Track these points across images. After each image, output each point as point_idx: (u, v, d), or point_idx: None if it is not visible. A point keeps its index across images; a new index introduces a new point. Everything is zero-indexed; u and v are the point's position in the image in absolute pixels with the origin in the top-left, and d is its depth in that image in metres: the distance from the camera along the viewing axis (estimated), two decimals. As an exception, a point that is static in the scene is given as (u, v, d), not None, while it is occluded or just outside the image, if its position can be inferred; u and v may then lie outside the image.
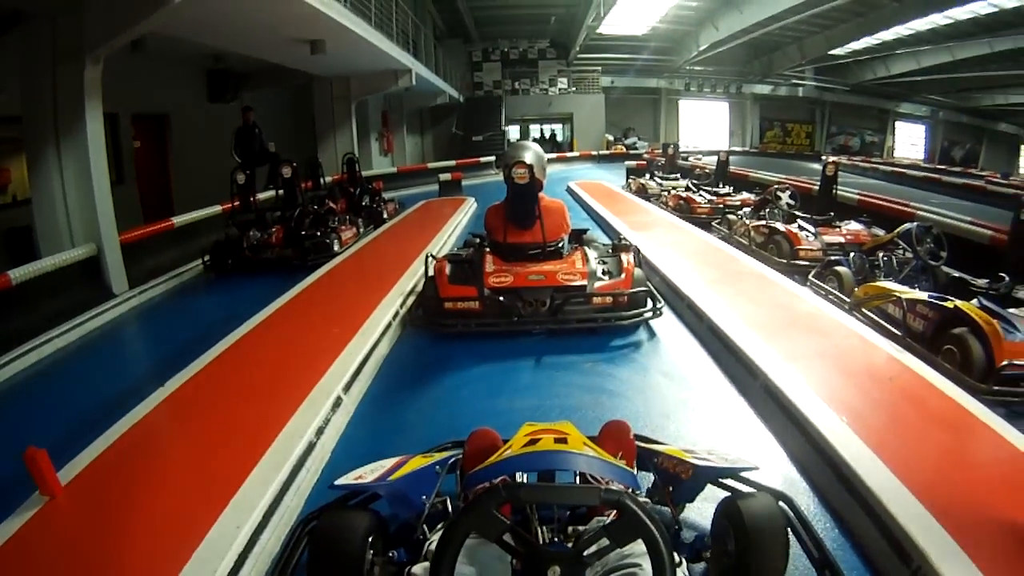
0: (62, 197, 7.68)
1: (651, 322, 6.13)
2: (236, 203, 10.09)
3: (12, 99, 7.84)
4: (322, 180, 12.73)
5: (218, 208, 10.95)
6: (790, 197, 9.98)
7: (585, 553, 1.88)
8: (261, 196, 10.90)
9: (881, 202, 10.91)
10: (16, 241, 9.28)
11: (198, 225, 10.60)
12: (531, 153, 6.33)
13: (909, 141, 38.82)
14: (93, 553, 2.81)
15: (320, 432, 4.06)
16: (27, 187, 7.98)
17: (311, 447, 3.88)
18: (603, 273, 6.24)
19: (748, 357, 4.80)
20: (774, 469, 3.66)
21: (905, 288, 5.94)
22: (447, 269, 6.22)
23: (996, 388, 4.54)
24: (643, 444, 3.15)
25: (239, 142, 12.13)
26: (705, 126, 37.52)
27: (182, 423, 4.17)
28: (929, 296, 5.55)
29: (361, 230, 11.58)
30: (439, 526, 2.64)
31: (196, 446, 3.81)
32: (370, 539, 2.53)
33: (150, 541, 2.88)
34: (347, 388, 4.68)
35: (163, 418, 4.23)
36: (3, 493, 3.28)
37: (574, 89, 33.97)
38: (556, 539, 2.29)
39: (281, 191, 10.39)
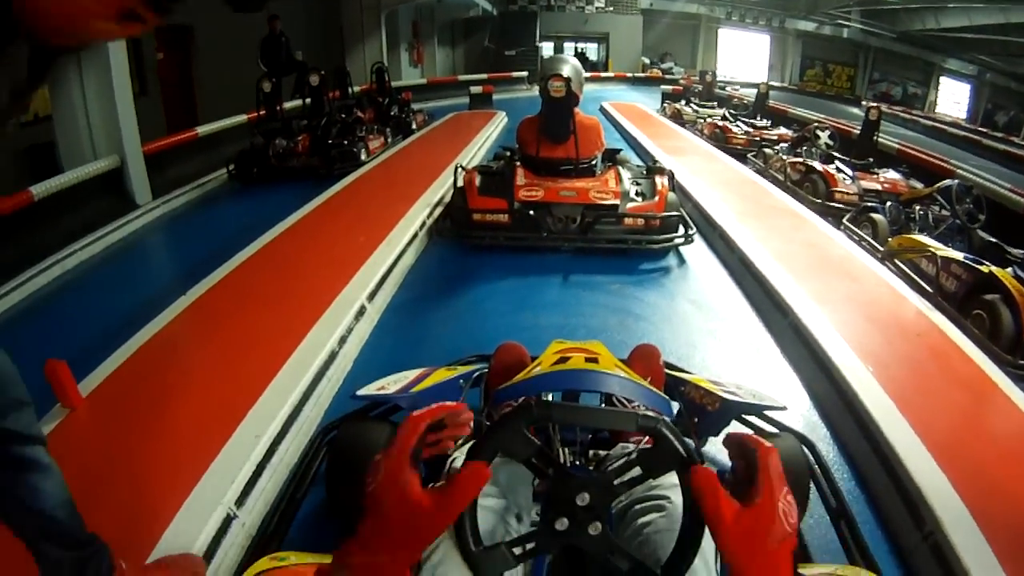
0: (83, 111, 7.54)
1: (681, 249, 6.00)
2: (262, 112, 9.93)
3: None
4: (350, 90, 12.51)
5: (243, 117, 10.78)
6: (829, 137, 9.74)
7: (616, 482, 1.79)
8: (287, 105, 10.75)
9: (921, 155, 10.64)
10: (39, 158, 9.19)
11: (223, 135, 10.42)
12: (569, 67, 6.15)
13: (953, 99, 37.02)
14: (112, 464, 2.77)
15: (343, 341, 3.99)
16: (48, 104, 7.85)
17: (333, 356, 3.81)
18: (636, 194, 6.08)
19: (779, 294, 4.67)
20: (796, 411, 3.57)
21: (940, 245, 5.77)
22: (477, 180, 6.07)
23: (1023, 362, 4.41)
24: (671, 372, 3.03)
25: (265, 51, 11.90)
26: (744, 58, 36.55)
27: (204, 332, 4.08)
28: (965, 257, 5.39)
29: (389, 140, 11.43)
30: (460, 441, 2.56)
31: (217, 355, 3.73)
32: None
33: (169, 451, 2.84)
34: (371, 297, 4.60)
35: (184, 328, 4.16)
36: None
37: (611, 8, 33.25)
38: (578, 462, 2.21)
39: (308, 100, 10.20)
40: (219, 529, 2.47)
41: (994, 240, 6.05)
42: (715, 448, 3.01)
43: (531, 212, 5.74)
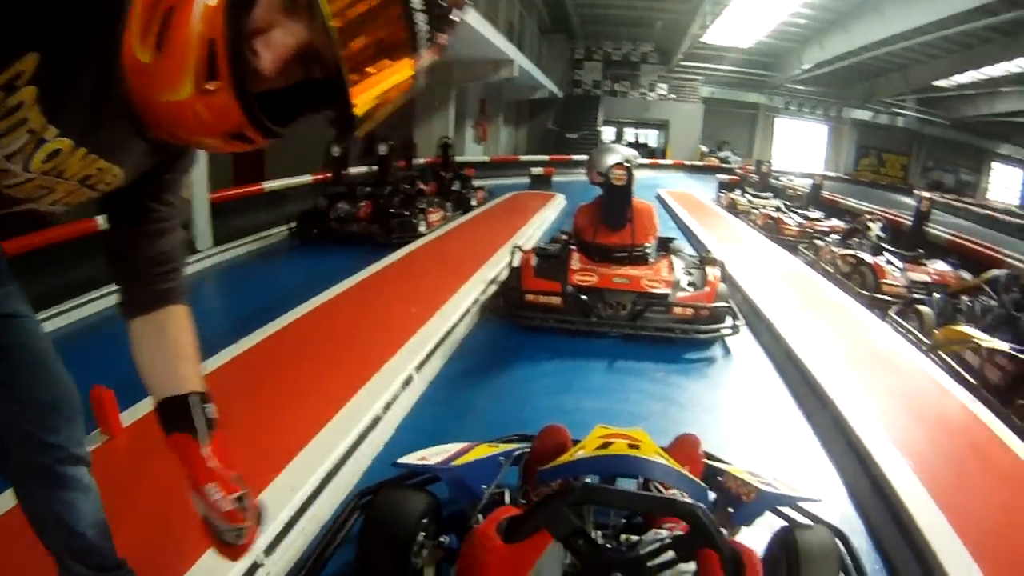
0: (156, 150, 7.84)
1: (727, 339, 5.97)
2: (328, 174, 10.20)
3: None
4: (415, 161, 12.80)
5: (309, 178, 11.11)
6: (881, 229, 9.66)
7: (649, 564, 1.82)
8: (353, 171, 11.02)
9: (971, 245, 10.54)
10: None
11: (287, 192, 10.76)
12: (621, 155, 6.30)
13: (1004, 184, 37.16)
14: (144, 495, 2.82)
15: (387, 408, 4.02)
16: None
17: (376, 421, 3.85)
18: (687, 284, 6.12)
19: (821, 387, 4.59)
20: (832, 503, 3.49)
21: (986, 336, 5.66)
22: (533, 262, 6.17)
23: None
24: (710, 461, 3.04)
25: (337, 115, 12.27)
26: (800, 147, 36.84)
27: (251, 381, 4.15)
28: (1010, 347, 5.28)
29: (449, 214, 11.59)
30: (480, 507, 2.59)
31: (261, 405, 3.79)
32: (424, 521, 2.49)
33: (203, 491, 2.88)
34: (419, 368, 4.65)
35: (232, 374, 4.25)
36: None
37: (673, 96, 33.86)
38: (609, 545, 2.23)
39: (374, 167, 10.48)
40: (245, 574, 2.50)
41: (1043, 329, 5.89)
42: (743, 538, 2.99)
43: (583, 297, 5.79)
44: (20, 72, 1.00)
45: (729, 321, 5.93)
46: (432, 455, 2.82)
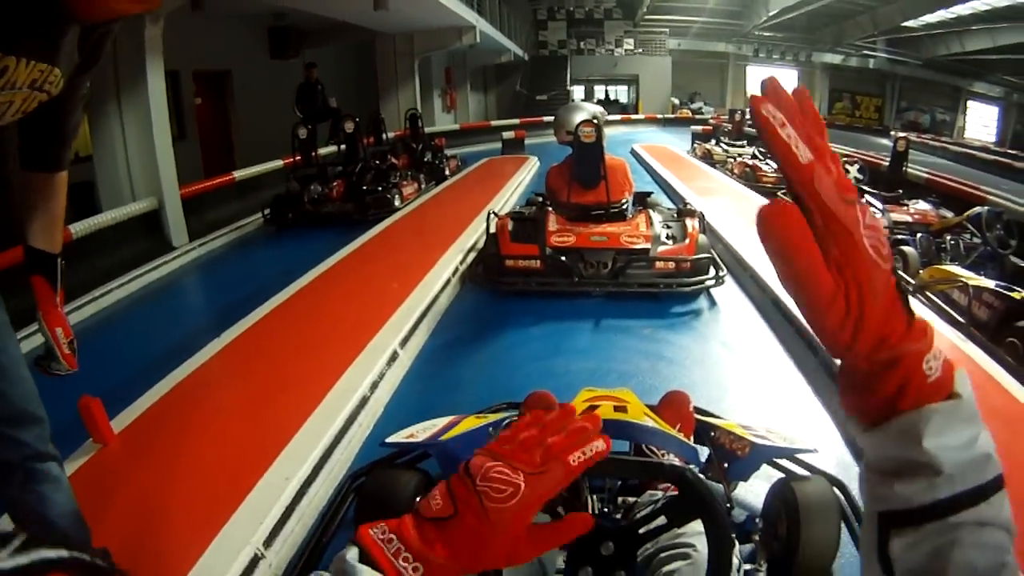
0: (123, 153, 7.83)
1: (712, 290, 5.94)
2: (297, 158, 10.08)
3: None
4: (384, 136, 12.66)
5: (279, 163, 11.00)
6: (858, 171, 9.63)
7: (641, 530, 1.80)
8: (322, 151, 10.91)
9: (951, 183, 10.48)
10: (78, 196, 9.43)
11: (259, 180, 10.67)
12: (588, 113, 6.23)
13: (981, 122, 36.47)
14: (142, 500, 2.82)
15: (374, 387, 4.01)
16: (88, 145, 8.07)
17: (364, 401, 3.84)
18: (667, 238, 6.06)
19: (809, 333, 4.53)
20: (829, 452, 3.44)
21: (971, 274, 5.65)
22: (509, 226, 6.11)
23: None
24: (701, 417, 3.01)
25: (301, 98, 12.15)
26: (773, 94, 36.68)
27: (237, 374, 4.16)
28: (996, 285, 5.27)
29: (423, 186, 11.51)
30: None
31: (250, 397, 3.80)
32: (418, 499, 2.46)
33: (200, 489, 2.88)
34: (404, 343, 4.62)
35: (218, 369, 4.24)
36: (56, 441, 3.28)
37: (640, 51, 33.46)
38: (606, 509, 2.21)
39: (343, 146, 10.38)
40: (246, 568, 2.49)
41: (1026, 264, 5.89)
42: (742, 492, 2.97)
43: (563, 258, 5.75)
44: None
45: (712, 272, 5.90)
46: (420, 431, 2.78)
